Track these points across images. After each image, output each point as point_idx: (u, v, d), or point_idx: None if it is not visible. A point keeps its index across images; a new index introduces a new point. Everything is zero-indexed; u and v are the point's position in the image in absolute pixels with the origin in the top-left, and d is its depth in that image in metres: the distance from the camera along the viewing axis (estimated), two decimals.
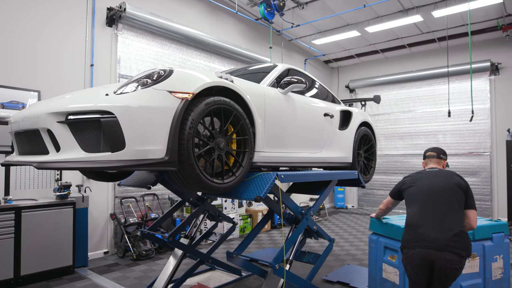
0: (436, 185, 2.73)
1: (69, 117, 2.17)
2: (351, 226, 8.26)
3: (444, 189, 2.68)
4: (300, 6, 7.67)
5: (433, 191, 2.71)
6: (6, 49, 4.62)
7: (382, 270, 3.41)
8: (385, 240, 3.43)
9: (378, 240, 3.51)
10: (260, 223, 4.19)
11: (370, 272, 3.59)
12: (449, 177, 2.75)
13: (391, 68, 10.64)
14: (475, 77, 8.93)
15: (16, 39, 4.71)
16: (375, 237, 3.57)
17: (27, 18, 4.82)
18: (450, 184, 2.69)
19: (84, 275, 4.62)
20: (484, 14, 7.79)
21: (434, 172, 2.87)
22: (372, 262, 3.56)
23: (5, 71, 4.61)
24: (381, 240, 3.48)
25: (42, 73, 4.93)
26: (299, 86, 3.26)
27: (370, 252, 3.60)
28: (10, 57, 4.65)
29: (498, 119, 8.89)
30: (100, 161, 2.11)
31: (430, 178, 2.81)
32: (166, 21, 6.17)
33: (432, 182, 2.76)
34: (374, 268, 3.52)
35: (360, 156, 4.56)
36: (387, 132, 10.76)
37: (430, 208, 2.65)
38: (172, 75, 2.32)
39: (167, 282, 3.73)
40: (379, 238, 3.51)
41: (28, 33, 4.82)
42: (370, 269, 3.59)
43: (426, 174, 2.89)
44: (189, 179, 2.33)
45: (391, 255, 3.34)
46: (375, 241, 3.53)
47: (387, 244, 3.41)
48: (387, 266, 3.36)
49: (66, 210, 4.66)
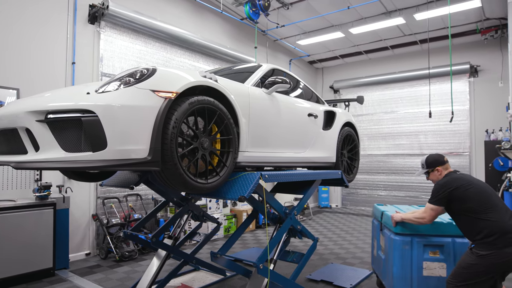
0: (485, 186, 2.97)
1: (49, 116, 2.12)
2: (335, 225, 8.35)
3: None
4: (285, 6, 7.70)
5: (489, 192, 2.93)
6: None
7: (423, 268, 3.41)
8: (422, 239, 3.39)
9: (413, 240, 3.42)
10: (245, 223, 4.18)
11: (400, 275, 3.44)
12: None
13: (375, 69, 10.80)
14: (455, 79, 9.16)
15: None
16: (407, 238, 3.44)
17: (4, 14, 4.68)
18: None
19: (65, 277, 4.53)
20: (464, 17, 7.99)
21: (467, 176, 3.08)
22: (404, 265, 3.43)
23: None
24: (417, 240, 3.41)
25: (21, 71, 4.80)
26: (283, 86, 3.27)
27: (402, 256, 3.43)
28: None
29: (477, 120, 9.13)
30: (81, 161, 2.07)
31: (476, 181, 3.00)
32: (150, 19, 6.10)
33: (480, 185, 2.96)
34: (407, 270, 3.41)
35: (344, 156, 4.61)
36: (370, 133, 10.92)
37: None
38: (155, 74, 2.30)
39: (151, 283, 3.69)
40: (414, 239, 3.41)
41: (6, 29, 4.69)
42: (399, 272, 3.44)
43: (469, 177, 3.05)
44: (173, 179, 2.31)
45: (432, 252, 3.38)
46: (408, 242, 3.42)
47: (426, 242, 3.38)
48: (430, 263, 3.36)
49: (46, 211, 4.55)
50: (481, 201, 2.85)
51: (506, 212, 2.81)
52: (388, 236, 3.60)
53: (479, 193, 2.88)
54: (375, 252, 4.18)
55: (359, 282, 4.38)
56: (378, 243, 4.06)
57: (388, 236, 3.60)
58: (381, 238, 3.86)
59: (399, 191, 10.37)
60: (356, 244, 6.42)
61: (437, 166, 3.20)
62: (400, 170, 10.35)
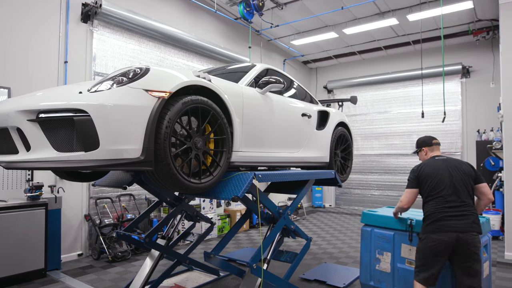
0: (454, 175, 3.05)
1: (40, 115, 2.11)
2: (329, 225, 8.38)
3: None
4: (279, 6, 7.71)
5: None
6: None
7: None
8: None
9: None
10: (238, 223, 4.18)
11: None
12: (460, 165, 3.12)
13: (368, 69, 10.86)
14: (447, 80, 9.24)
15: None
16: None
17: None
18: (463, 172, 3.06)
19: (56, 278, 4.49)
20: (456, 19, 8.06)
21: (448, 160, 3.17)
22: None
23: None
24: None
25: (12, 70, 4.75)
26: (277, 86, 3.27)
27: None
28: None
29: (468, 120, 9.23)
30: (73, 161, 2.06)
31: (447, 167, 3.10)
32: (144, 19, 6.07)
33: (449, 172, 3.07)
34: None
35: (337, 156, 4.63)
36: (363, 132, 10.97)
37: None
38: (149, 74, 2.29)
39: (144, 283, 3.67)
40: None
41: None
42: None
43: (439, 164, 3.15)
44: (166, 179, 2.30)
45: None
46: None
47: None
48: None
49: (38, 212, 4.51)
50: (430, 187, 3.07)
51: (448, 203, 2.95)
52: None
53: (434, 179, 3.06)
54: (381, 265, 3.74)
55: (352, 281, 4.40)
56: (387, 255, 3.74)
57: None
58: (407, 248, 3.56)
59: (392, 191, 10.44)
60: (350, 244, 6.45)
61: (423, 147, 3.41)
62: (393, 170, 10.42)
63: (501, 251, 5.83)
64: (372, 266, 3.77)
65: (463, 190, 2.97)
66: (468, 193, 2.99)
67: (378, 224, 3.77)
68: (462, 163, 3.14)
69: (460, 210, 2.91)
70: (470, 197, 3.00)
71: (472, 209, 2.95)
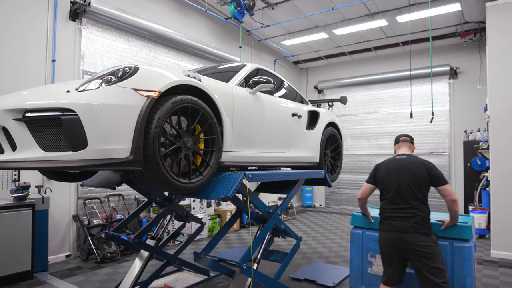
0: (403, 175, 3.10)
1: (27, 114, 2.08)
2: (319, 224, 8.42)
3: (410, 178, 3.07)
4: (270, 6, 7.72)
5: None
6: None
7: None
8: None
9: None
10: (228, 223, 4.18)
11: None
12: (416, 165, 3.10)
13: (358, 70, 10.94)
14: (436, 81, 9.37)
15: None
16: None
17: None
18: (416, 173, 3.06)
19: (44, 280, 4.42)
20: (444, 21, 8.18)
21: (403, 160, 3.19)
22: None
23: None
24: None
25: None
26: (267, 86, 3.28)
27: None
28: None
29: (456, 120, 9.36)
30: (60, 161, 2.03)
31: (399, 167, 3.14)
32: (133, 17, 6.01)
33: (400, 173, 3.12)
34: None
35: (327, 156, 4.66)
36: (353, 133, 11.05)
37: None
38: (138, 73, 2.27)
39: (133, 284, 3.64)
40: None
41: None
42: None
43: (394, 163, 3.21)
44: (155, 179, 2.29)
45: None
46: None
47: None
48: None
49: (25, 212, 4.44)
50: (381, 188, 3.22)
51: (395, 204, 3.07)
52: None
53: (384, 181, 3.18)
54: (373, 269, 3.70)
55: (341, 280, 4.43)
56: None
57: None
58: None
59: None
60: (339, 243, 6.50)
61: (395, 144, 3.52)
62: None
63: (487, 249, 5.93)
64: (363, 270, 3.72)
65: (409, 193, 3.02)
66: (415, 195, 3.01)
67: (370, 226, 3.73)
68: (417, 163, 3.10)
69: (404, 212, 3.00)
70: (418, 199, 3.01)
71: (416, 212, 2.97)
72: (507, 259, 5.46)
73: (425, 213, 3.02)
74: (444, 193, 3.05)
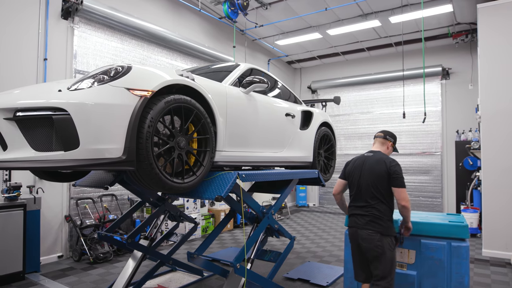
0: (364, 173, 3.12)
1: (18, 113, 2.06)
2: (312, 224, 8.44)
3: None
4: (264, 6, 7.73)
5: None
6: None
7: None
8: None
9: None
10: (222, 223, 4.18)
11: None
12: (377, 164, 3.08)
13: (351, 70, 10.99)
14: (428, 81, 9.45)
15: None
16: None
17: None
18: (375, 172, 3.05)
19: (35, 281, 4.38)
20: (437, 22, 8.25)
21: (368, 157, 3.20)
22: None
23: None
24: None
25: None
26: (261, 86, 3.28)
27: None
28: None
29: (448, 120, 9.45)
30: (52, 161, 2.02)
31: (362, 165, 3.17)
32: (126, 16, 5.98)
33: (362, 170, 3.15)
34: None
35: (321, 156, 4.67)
36: (346, 132, 11.10)
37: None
38: (131, 72, 2.26)
39: (126, 285, 3.62)
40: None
41: None
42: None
43: (358, 161, 3.25)
44: (148, 179, 2.28)
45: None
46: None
47: None
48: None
49: (16, 213, 4.39)
50: (348, 184, 3.29)
51: (356, 202, 3.13)
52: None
53: (349, 179, 3.24)
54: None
55: (335, 280, 4.45)
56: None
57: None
58: (397, 251, 3.44)
59: None
60: (333, 243, 6.52)
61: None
62: None
63: (478, 248, 6.00)
64: None
65: (367, 192, 3.03)
66: (373, 194, 3.00)
67: None
68: (379, 161, 3.06)
69: (363, 210, 3.05)
70: (375, 198, 2.99)
71: (373, 210, 2.98)
72: (498, 258, 5.52)
73: (383, 212, 2.97)
74: (396, 196, 2.99)
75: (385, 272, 2.90)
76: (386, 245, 2.92)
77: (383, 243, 2.91)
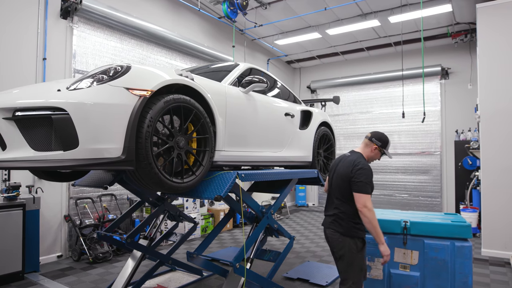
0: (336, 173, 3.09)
1: (17, 113, 2.05)
2: (312, 223, 8.45)
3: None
4: (263, 6, 7.72)
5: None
6: None
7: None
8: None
9: None
10: (221, 223, 4.18)
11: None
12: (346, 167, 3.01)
13: (351, 70, 10.99)
14: (427, 81, 9.46)
15: None
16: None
17: None
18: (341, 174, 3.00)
19: (35, 281, 4.38)
20: (436, 21, 8.25)
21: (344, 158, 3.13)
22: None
23: None
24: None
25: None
26: (260, 85, 3.28)
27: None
28: None
29: (447, 120, 9.46)
30: (51, 160, 2.01)
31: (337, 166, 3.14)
32: (126, 16, 5.97)
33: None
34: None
35: (320, 155, 4.68)
36: (346, 132, 11.11)
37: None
38: (130, 72, 2.26)
39: (125, 284, 3.63)
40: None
41: None
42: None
43: (335, 162, 3.21)
44: (147, 178, 2.28)
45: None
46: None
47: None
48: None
49: (15, 213, 4.39)
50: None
51: (327, 201, 3.17)
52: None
53: (329, 176, 3.19)
54: (372, 273, 3.48)
55: (335, 279, 4.45)
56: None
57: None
58: (400, 252, 3.43)
59: (374, 190, 10.58)
60: None
61: None
62: (375, 169, 10.56)
63: (477, 247, 6.01)
64: None
65: (335, 192, 3.03)
66: (340, 194, 2.96)
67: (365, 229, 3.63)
68: (349, 164, 2.95)
69: (330, 209, 3.07)
70: (339, 199, 2.96)
71: (336, 211, 2.96)
72: (497, 257, 5.53)
73: (345, 212, 2.91)
74: (355, 200, 2.84)
75: (345, 275, 2.87)
76: (347, 246, 2.86)
77: (344, 244, 2.87)
